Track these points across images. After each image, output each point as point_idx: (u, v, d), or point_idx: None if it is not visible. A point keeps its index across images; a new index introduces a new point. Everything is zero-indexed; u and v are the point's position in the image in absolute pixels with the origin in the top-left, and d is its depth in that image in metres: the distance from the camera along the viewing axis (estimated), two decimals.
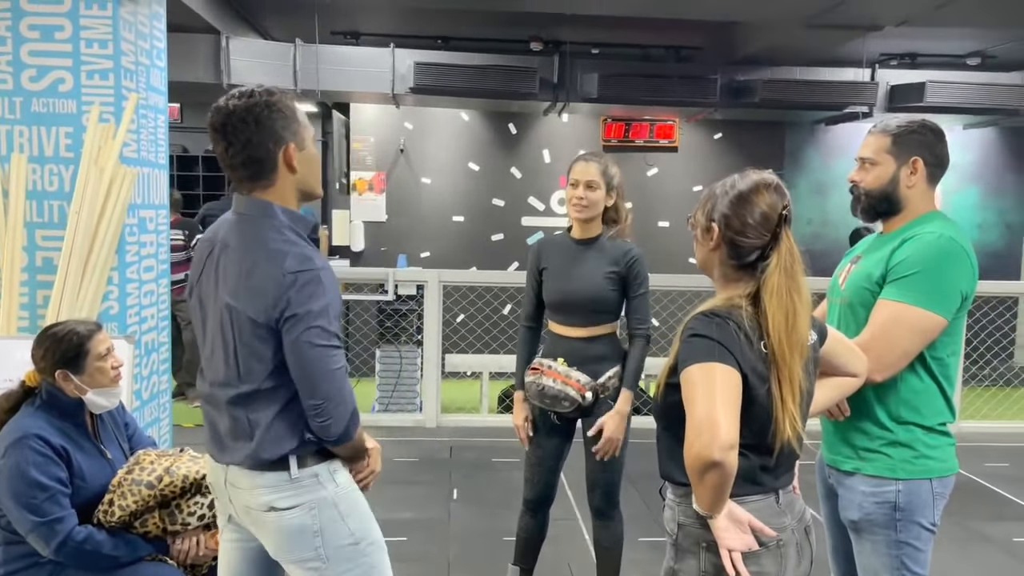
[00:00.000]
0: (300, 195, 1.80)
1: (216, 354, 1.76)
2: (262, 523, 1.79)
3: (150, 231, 4.01)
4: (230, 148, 1.71)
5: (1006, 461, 5.18)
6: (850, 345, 1.87)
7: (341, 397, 1.71)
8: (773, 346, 1.56)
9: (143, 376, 3.90)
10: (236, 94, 1.72)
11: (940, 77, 6.88)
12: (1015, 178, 8.37)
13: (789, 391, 1.57)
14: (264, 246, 1.70)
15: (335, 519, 1.79)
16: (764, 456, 1.61)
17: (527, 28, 6.63)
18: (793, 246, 1.61)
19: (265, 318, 1.67)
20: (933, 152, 2.03)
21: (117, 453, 2.45)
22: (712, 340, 1.54)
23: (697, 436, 1.47)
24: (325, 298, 1.69)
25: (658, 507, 4.07)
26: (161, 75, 4.14)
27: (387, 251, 7.85)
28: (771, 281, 1.58)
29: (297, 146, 1.75)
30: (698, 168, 8.04)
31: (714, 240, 1.64)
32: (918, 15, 5.12)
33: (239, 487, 1.79)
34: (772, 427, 1.58)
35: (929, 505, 1.97)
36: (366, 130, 7.84)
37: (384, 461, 5.34)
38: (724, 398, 1.49)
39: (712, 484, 1.49)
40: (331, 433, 1.72)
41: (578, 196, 2.73)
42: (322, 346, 1.68)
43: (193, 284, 1.84)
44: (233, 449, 1.77)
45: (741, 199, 1.62)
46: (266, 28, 7.16)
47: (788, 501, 1.67)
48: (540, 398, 2.73)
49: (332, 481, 1.80)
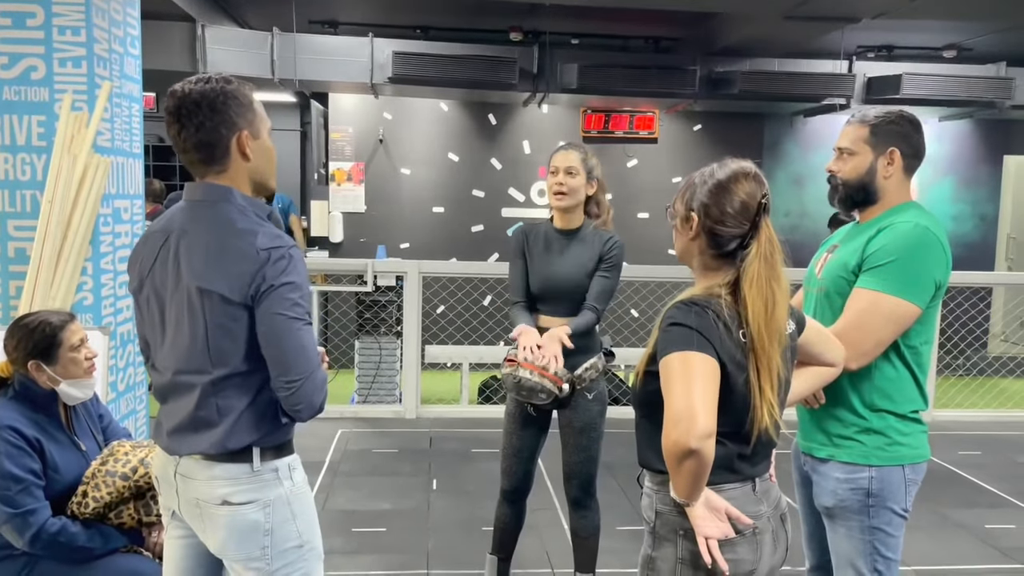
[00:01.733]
0: (254, 185, 1.79)
1: (180, 341, 1.72)
2: (212, 517, 1.74)
3: (125, 221, 3.97)
4: (183, 131, 1.71)
5: (979, 449, 5.27)
6: (828, 335, 1.89)
7: (313, 376, 1.68)
8: (752, 334, 1.57)
9: (119, 368, 3.86)
10: (193, 80, 1.73)
11: (916, 69, 6.94)
12: (989, 170, 8.47)
13: (768, 379, 1.58)
14: (231, 225, 1.70)
15: (287, 519, 1.77)
16: (741, 444, 1.62)
17: (506, 18, 6.61)
18: (772, 235, 1.62)
19: (240, 296, 1.65)
20: (910, 143, 2.05)
21: (91, 444, 2.43)
22: (691, 329, 1.54)
23: (675, 425, 1.48)
24: (298, 275, 1.69)
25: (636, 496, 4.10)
26: (135, 63, 4.09)
27: (366, 242, 7.81)
28: (751, 270, 1.58)
29: (252, 134, 1.74)
30: (678, 159, 8.07)
31: (693, 229, 1.65)
32: (894, 8, 5.16)
33: (193, 478, 1.75)
34: (750, 416, 1.59)
35: (901, 491, 2.00)
36: (345, 120, 7.79)
37: (364, 452, 5.35)
38: (702, 387, 1.50)
39: (689, 472, 1.50)
40: (302, 413, 1.70)
41: (558, 182, 2.73)
42: (296, 319, 1.67)
43: (143, 277, 1.78)
44: (194, 439, 1.73)
45: (720, 188, 1.63)
46: (243, 17, 7.08)
47: (764, 489, 1.69)
48: (516, 390, 2.71)
49: (289, 478, 1.79)
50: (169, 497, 1.83)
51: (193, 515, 1.79)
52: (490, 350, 6.51)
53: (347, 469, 4.61)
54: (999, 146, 8.44)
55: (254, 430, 1.72)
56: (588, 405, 2.77)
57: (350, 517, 3.91)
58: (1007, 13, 5.63)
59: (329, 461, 4.71)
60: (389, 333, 5.96)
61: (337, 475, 4.49)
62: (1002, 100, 6.93)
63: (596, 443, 2.80)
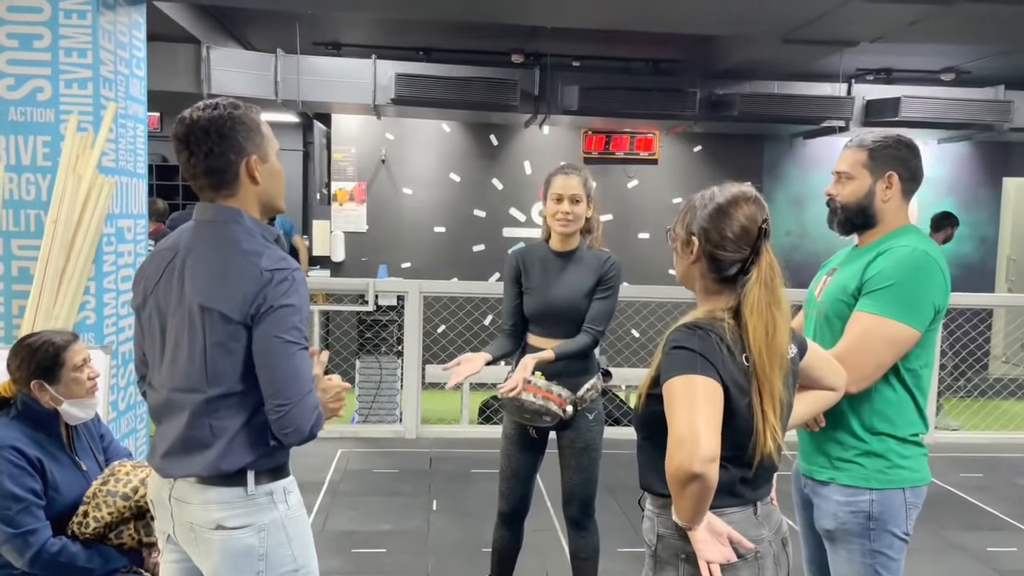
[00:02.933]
0: (262, 207, 1.81)
1: (179, 359, 1.72)
2: (205, 542, 1.73)
3: (128, 240, 3.99)
4: (192, 158, 1.73)
5: (980, 471, 5.25)
6: (830, 359, 1.89)
7: (304, 401, 1.68)
8: (754, 359, 1.57)
9: (120, 387, 3.87)
10: (201, 106, 1.75)
11: (915, 92, 6.99)
12: (988, 192, 8.50)
13: (770, 404, 1.58)
14: (237, 246, 1.71)
15: (281, 543, 1.76)
16: (743, 468, 1.62)
17: (508, 40, 6.67)
18: (773, 260, 1.63)
19: (240, 315, 1.66)
20: (908, 167, 2.07)
21: (92, 464, 2.43)
22: (694, 352, 1.55)
23: (678, 448, 1.48)
24: (299, 297, 1.70)
25: (637, 517, 4.07)
26: (140, 84, 4.13)
27: (368, 261, 7.83)
28: (751, 295, 1.59)
29: (260, 158, 1.76)
30: (678, 180, 8.11)
31: (694, 253, 1.66)
32: (893, 31, 5.20)
33: (187, 502, 1.74)
34: (752, 440, 1.59)
35: (902, 515, 2.00)
36: (347, 140, 7.84)
37: (364, 472, 5.33)
38: (706, 411, 1.50)
39: (693, 496, 1.50)
40: (290, 438, 1.69)
41: (563, 211, 2.73)
42: (292, 343, 1.67)
43: (147, 294, 1.80)
44: (187, 461, 1.73)
45: (720, 212, 1.63)
46: (247, 38, 7.15)
47: (766, 513, 1.69)
48: (520, 413, 2.71)
49: (284, 502, 1.78)
50: (164, 520, 1.83)
51: (187, 539, 1.78)
52: (491, 370, 6.48)
53: (347, 489, 4.60)
54: (998, 168, 8.47)
55: (248, 452, 1.72)
56: (589, 426, 2.77)
57: (350, 538, 3.90)
58: (1005, 37, 5.68)
59: (329, 481, 4.70)
60: (390, 353, 5.96)
61: (337, 495, 4.48)
62: (1001, 123, 6.97)
63: (596, 464, 2.79)
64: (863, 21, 4.93)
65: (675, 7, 4.81)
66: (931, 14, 4.63)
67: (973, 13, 4.68)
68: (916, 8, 4.56)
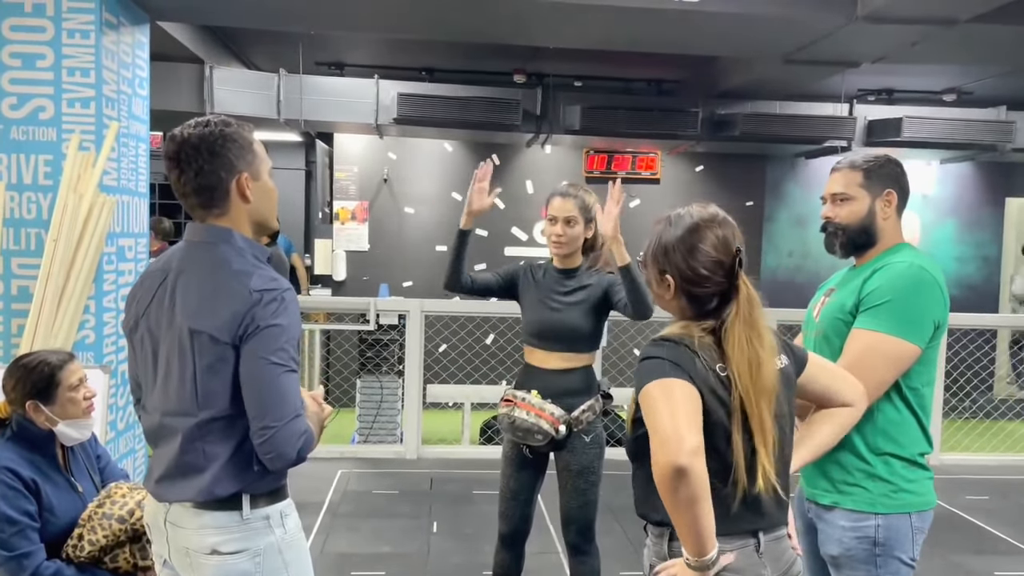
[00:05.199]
0: (254, 226, 1.78)
1: (171, 382, 1.69)
2: (200, 567, 1.70)
3: (129, 259, 3.98)
4: (182, 176, 1.70)
5: (986, 494, 5.19)
6: (841, 373, 1.83)
7: (290, 425, 1.62)
8: (741, 396, 1.54)
9: (119, 406, 3.85)
10: (192, 123, 1.72)
11: (917, 112, 7.00)
12: (991, 212, 8.49)
13: (761, 443, 1.54)
14: (227, 266, 1.69)
15: (278, 568, 1.72)
16: (732, 488, 1.55)
17: (510, 61, 6.70)
18: (751, 292, 1.59)
19: (229, 336, 1.63)
20: (901, 184, 2.09)
21: (88, 486, 2.40)
22: (663, 360, 1.53)
23: (662, 445, 1.44)
24: (288, 318, 1.66)
25: (639, 541, 4.02)
26: (143, 104, 4.14)
27: (369, 280, 7.82)
28: (732, 333, 1.56)
29: (252, 176, 1.74)
30: (680, 200, 7.91)
31: (671, 291, 1.63)
32: (895, 52, 5.21)
33: (182, 527, 1.71)
34: (733, 475, 1.53)
35: (908, 540, 1.97)
36: (349, 160, 7.86)
37: (364, 493, 5.28)
38: (685, 409, 1.47)
39: (685, 499, 1.43)
40: (274, 462, 1.64)
41: (557, 233, 2.75)
42: (279, 364, 1.63)
43: (138, 316, 1.77)
44: (181, 486, 1.70)
45: (689, 248, 1.60)
46: (250, 58, 7.18)
47: (772, 551, 1.59)
48: (512, 431, 2.70)
49: (281, 526, 1.74)
50: (160, 544, 1.79)
51: (183, 564, 1.74)
52: (492, 390, 6.47)
53: (347, 510, 4.55)
54: (1001, 188, 8.46)
55: (242, 476, 1.68)
56: (585, 448, 2.73)
57: (349, 560, 3.85)
58: (1007, 58, 5.69)
59: (329, 502, 4.66)
60: (391, 372, 5.93)
61: (336, 516, 4.44)
62: (1003, 143, 6.97)
63: (594, 487, 2.76)
64: (865, 42, 4.94)
65: (677, 28, 4.83)
66: (933, 35, 4.64)
67: (975, 34, 4.69)
68: (918, 29, 4.57)
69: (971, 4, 4.20)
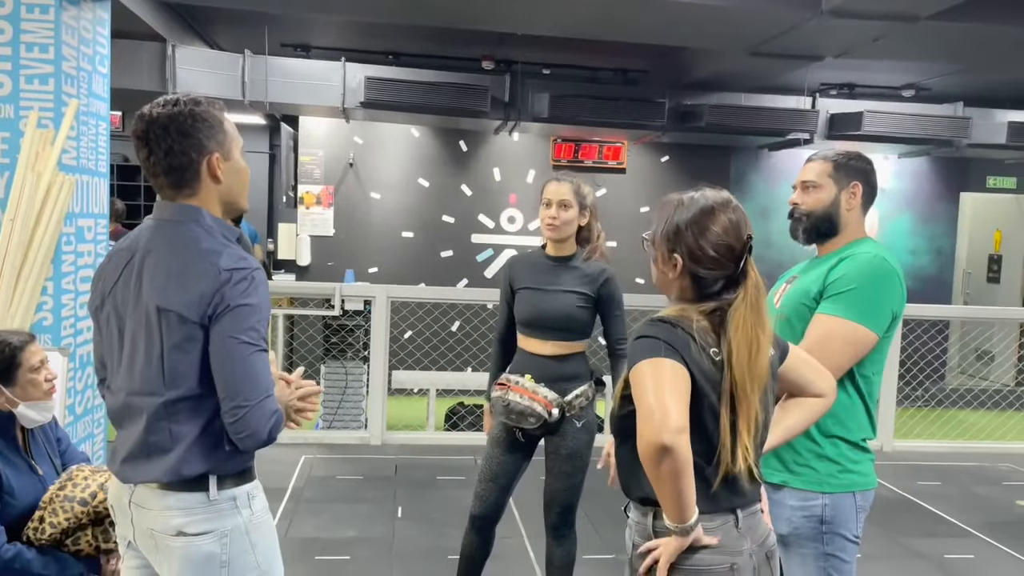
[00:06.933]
0: (225, 207, 1.76)
1: (137, 362, 1.67)
2: (166, 549, 1.69)
3: (88, 240, 3.90)
4: (152, 156, 1.68)
5: (938, 479, 5.35)
6: (816, 365, 1.86)
7: (262, 404, 1.62)
8: (735, 377, 1.56)
9: (77, 390, 3.78)
10: (161, 102, 1.70)
11: (877, 107, 7.13)
12: (945, 206, 8.70)
13: (745, 423, 1.58)
14: (196, 245, 1.67)
15: (245, 550, 1.72)
16: (716, 469, 1.59)
17: (478, 47, 6.68)
18: (759, 279, 1.63)
19: (198, 315, 1.62)
20: (868, 180, 2.18)
21: (48, 469, 2.37)
22: (658, 339, 1.56)
23: (647, 422, 1.48)
24: (258, 298, 1.65)
25: (603, 525, 4.08)
26: (104, 82, 4.05)
27: (334, 266, 7.77)
28: (737, 316, 1.58)
29: (222, 156, 1.72)
30: (645, 190, 8.17)
31: (677, 270, 1.64)
32: (857, 47, 5.31)
33: (147, 508, 1.69)
34: (718, 454, 1.58)
35: (852, 518, 2.07)
36: (315, 143, 7.78)
37: (328, 479, 5.25)
38: (673, 388, 1.50)
39: (668, 473, 1.47)
40: (246, 442, 1.64)
41: (551, 216, 2.76)
42: (249, 344, 1.62)
43: (104, 295, 1.74)
44: (147, 466, 1.68)
45: (702, 229, 1.61)
46: (213, 38, 7.05)
47: (749, 525, 1.65)
48: (506, 414, 2.73)
49: (248, 507, 1.73)
50: (124, 526, 1.77)
51: (148, 546, 1.73)
52: (457, 376, 6.48)
53: (310, 496, 4.54)
54: (955, 183, 8.68)
55: (209, 457, 1.67)
56: (576, 433, 2.77)
57: (313, 545, 3.84)
58: (964, 55, 5.83)
59: (292, 488, 4.63)
60: (356, 358, 5.91)
61: (300, 502, 4.42)
62: (959, 139, 7.14)
63: (581, 472, 2.80)
64: (829, 36, 5.03)
65: (646, 18, 4.86)
66: (894, 31, 4.74)
67: (935, 31, 4.80)
68: (880, 25, 4.66)
69: (932, 1, 4.29)
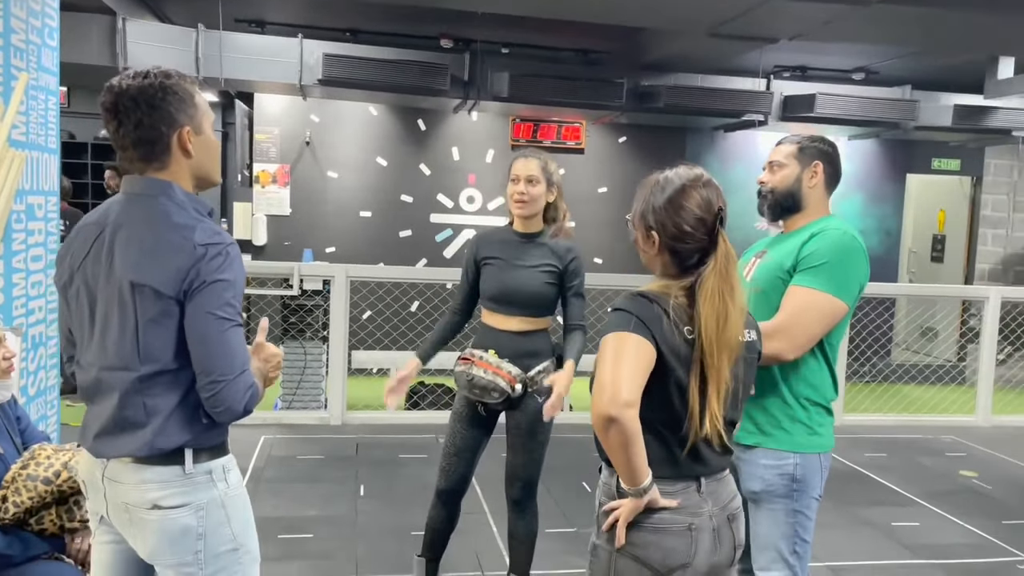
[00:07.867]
0: (196, 181, 1.76)
1: (109, 337, 1.67)
2: (140, 523, 1.69)
3: (39, 218, 3.81)
4: (121, 128, 1.67)
5: (884, 451, 5.54)
6: None
7: (238, 379, 1.64)
8: (703, 346, 1.62)
9: (30, 371, 3.70)
10: (131, 74, 1.68)
11: (829, 90, 7.28)
12: (893, 187, 8.94)
13: (715, 390, 1.64)
14: (168, 219, 1.66)
15: (221, 522, 1.73)
16: (682, 440, 1.66)
17: (436, 25, 6.62)
18: (730, 248, 1.69)
19: (173, 290, 1.62)
20: (831, 162, 2.32)
21: (9, 448, 2.33)
22: (631, 314, 1.61)
23: (599, 394, 1.55)
24: (233, 272, 1.66)
25: (564, 499, 4.14)
26: (53, 55, 3.94)
27: (291, 245, 7.68)
28: (706, 284, 1.64)
29: (193, 130, 1.71)
30: (603, 170, 8.23)
31: (655, 247, 1.71)
32: (809, 30, 5.41)
33: (121, 482, 1.69)
34: (687, 423, 1.64)
35: (818, 477, 2.20)
36: (270, 121, 7.65)
37: (288, 459, 5.23)
38: (630, 363, 1.56)
39: (617, 443, 1.55)
40: (222, 416, 1.66)
41: (519, 191, 2.79)
42: (226, 319, 1.64)
43: (73, 270, 1.73)
44: (121, 440, 1.68)
45: (674, 205, 1.68)
46: (165, 12, 6.88)
47: (712, 490, 1.72)
48: (469, 388, 2.75)
49: (224, 480, 1.75)
50: (97, 502, 1.77)
51: (122, 520, 1.73)
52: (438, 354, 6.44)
53: (271, 476, 4.52)
54: (902, 165, 8.91)
55: (186, 430, 1.67)
56: (538, 408, 2.79)
57: (276, 524, 3.84)
58: (912, 39, 5.98)
59: (253, 468, 4.61)
60: (315, 338, 5.87)
61: (261, 482, 4.40)
62: (907, 121, 7.33)
63: (542, 447, 2.84)
64: (783, 18, 5.12)
65: None
66: (845, 14, 4.84)
67: (886, 14, 4.91)
68: (832, 8, 4.76)
69: None
